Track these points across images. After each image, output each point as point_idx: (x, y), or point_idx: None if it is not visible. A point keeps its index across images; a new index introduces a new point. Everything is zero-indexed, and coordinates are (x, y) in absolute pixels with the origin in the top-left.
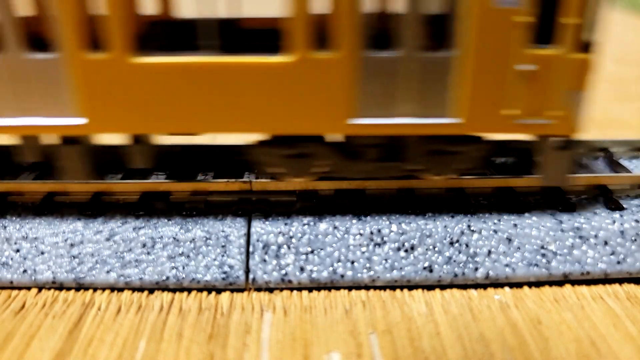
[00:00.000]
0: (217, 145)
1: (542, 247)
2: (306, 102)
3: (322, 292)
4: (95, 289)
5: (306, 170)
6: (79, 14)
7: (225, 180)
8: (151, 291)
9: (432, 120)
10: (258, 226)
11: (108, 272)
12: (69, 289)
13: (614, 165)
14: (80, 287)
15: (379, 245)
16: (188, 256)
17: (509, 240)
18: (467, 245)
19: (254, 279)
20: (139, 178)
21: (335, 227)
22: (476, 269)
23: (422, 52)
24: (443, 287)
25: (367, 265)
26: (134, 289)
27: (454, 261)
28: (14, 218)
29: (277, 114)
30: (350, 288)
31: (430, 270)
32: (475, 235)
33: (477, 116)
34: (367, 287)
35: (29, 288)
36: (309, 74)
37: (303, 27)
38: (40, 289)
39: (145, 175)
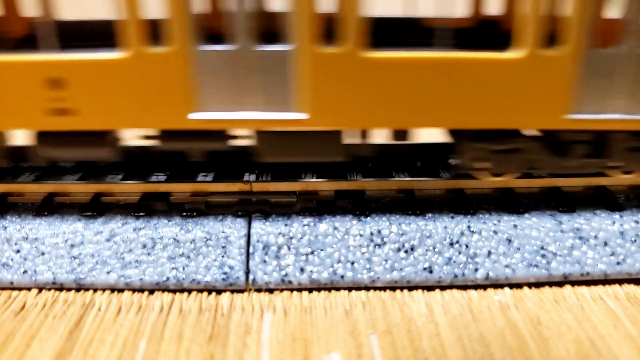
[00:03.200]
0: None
1: (542, 248)
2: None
3: (322, 292)
4: (95, 290)
5: (511, 165)
6: None
7: (226, 181)
8: (151, 292)
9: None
10: (258, 227)
11: (108, 272)
12: (69, 289)
13: None
14: (80, 287)
15: (379, 246)
16: (188, 257)
17: (509, 241)
18: (467, 246)
19: (254, 280)
20: (139, 179)
21: (335, 228)
22: (476, 269)
23: None
24: (443, 288)
25: (367, 266)
26: (134, 290)
27: (454, 262)
28: (15, 219)
29: (498, 108)
30: (350, 289)
31: (430, 271)
32: (475, 236)
33: None
34: (367, 288)
35: (29, 289)
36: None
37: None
38: (40, 289)
39: (145, 176)
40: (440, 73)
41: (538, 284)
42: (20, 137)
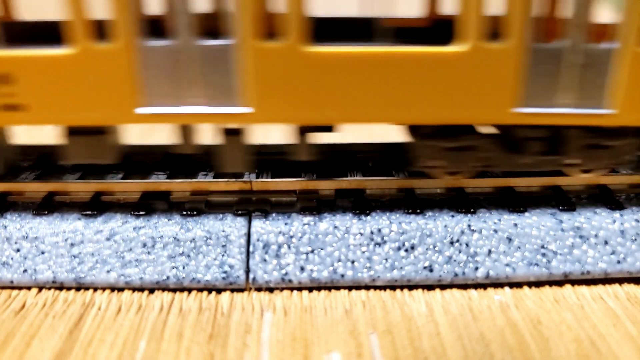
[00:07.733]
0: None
1: (543, 247)
2: (474, 91)
3: (323, 292)
4: (95, 289)
5: (465, 164)
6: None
7: (226, 180)
8: (151, 291)
9: (589, 110)
10: (258, 226)
11: (108, 271)
12: (69, 288)
13: None
14: (80, 286)
15: (379, 244)
16: (188, 256)
17: (509, 239)
18: (467, 245)
19: (254, 279)
20: (139, 177)
21: (335, 227)
22: (476, 268)
23: None
24: (443, 287)
25: (368, 264)
26: (134, 289)
27: (454, 261)
28: (15, 218)
29: (443, 103)
30: (350, 288)
31: (431, 270)
32: (476, 235)
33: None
34: (367, 287)
35: (29, 288)
36: (481, 64)
37: (476, 20)
38: (40, 288)
39: (145, 175)
40: (384, 68)
41: (538, 283)
42: None
